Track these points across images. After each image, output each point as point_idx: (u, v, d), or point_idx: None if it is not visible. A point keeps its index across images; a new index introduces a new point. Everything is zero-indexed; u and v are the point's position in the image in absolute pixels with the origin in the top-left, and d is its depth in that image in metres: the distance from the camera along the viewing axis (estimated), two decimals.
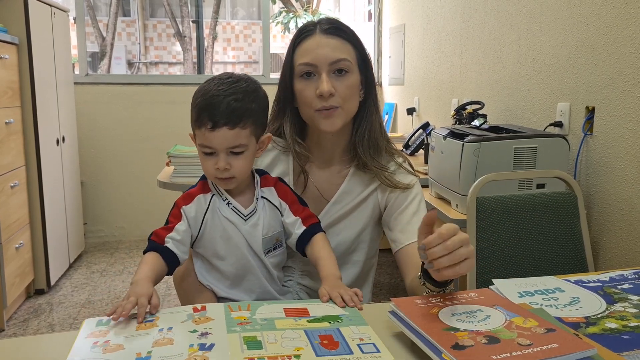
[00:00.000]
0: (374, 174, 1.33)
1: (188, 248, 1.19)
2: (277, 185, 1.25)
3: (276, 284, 1.26)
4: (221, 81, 1.15)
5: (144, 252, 1.16)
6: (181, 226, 1.18)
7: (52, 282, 3.27)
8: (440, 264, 0.91)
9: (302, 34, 1.29)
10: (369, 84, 1.32)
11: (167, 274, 1.17)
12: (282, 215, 1.23)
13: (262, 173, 1.27)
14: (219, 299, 1.23)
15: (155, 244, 1.15)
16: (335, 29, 1.27)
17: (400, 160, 1.37)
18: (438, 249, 0.90)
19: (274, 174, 1.36)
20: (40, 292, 3.23)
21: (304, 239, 1.21)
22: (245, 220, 1.19)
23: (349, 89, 1.26)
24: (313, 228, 1.22)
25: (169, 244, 1.15)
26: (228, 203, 1.20)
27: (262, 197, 1.23)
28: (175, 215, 1.19)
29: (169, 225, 1.18)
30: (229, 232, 1.19)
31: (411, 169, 1.37)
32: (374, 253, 1.42)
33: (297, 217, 1.22)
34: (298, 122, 1.34)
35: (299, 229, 1.22)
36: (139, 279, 1.05)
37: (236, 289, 1.23)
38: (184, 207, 1.19)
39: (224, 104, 1.12)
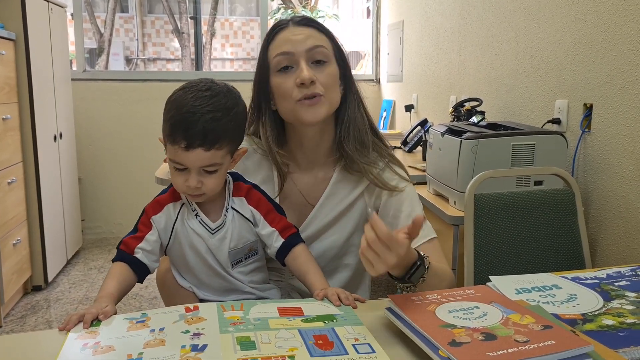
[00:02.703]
0: (360, 175, 1.28)
1: (158, 257, 1.18)
2: (249, 194, 1.19)
3: (253, 288, 1.22)
4: (198, 93, 1.08)
5: (113, 261, 1.14)
6: (152, 236, 1.16)
7: (50, 279, 3.27)
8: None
9: (275, 30, 1.25)
10: (347, 78, 1.28)
11: (138, 282, 1.15)
12: (257, 226, 1.19)
13: (236, 178, 1.22)
14: (200, 301, 1.22)
15: (125, 254, 1.14)
16: (309, 20, 1.25)
17: (387, 161, 1.31)
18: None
19: (258, 178, 1.31)
20: (37, 289, 3.22)
21: (283, 251, 1.18)
22: (213, 234, 1.16)
23: (329, 77, 1.22)
24: (292, 239, 1.18)
25: (139, 254, 1.14)
26: (197, 215, 1.17)
27: (232, 207, 1.18)
28: (145, 224, 1.17)
29: (139, 235, 1.16)
30: (195, 245, 1.17)
31: (404, 173, 1.32)
32: None
33: (274, 228, 1.18)
34: (276, 127, 1.29)
35: (276, 241, 1.17)
36: (101, 297, 1.04)
37: (212, 293, 1.21)
38: (153, 217, 1.17)
39: (200, 123, 1.05)
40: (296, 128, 1.27)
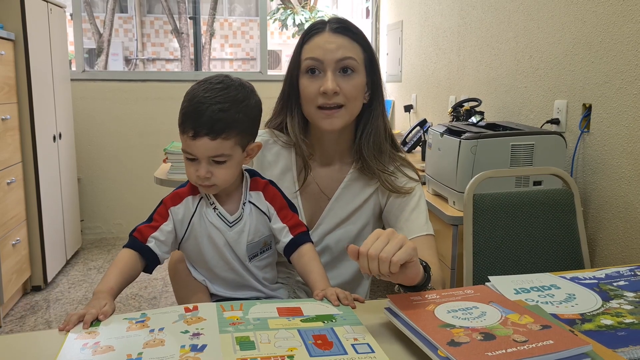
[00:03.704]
0: (375, 177, 1.33)
1: (170, 248, 1.18)
2: (266, 189, 1.22)
3: (264, 286, 1.24)
4: (211, 86, 1.11)
5: (124, 247, 1.14)
6: (167, 227, 1.16)
7: (49, 279, 3.27)
8: (386, 271, 0.92)
9: (311, 32, 1.29)
10: (375, 87, 1.32)
11: (146, 272, 1.16)
12: (269, 220, 1.21)
13: (253, 174, 1.24)
14: (211, 296, 1.23)
15: (137, 241, 1.14)
16: (345, 28, 1.27)
17: (399, 164, 1.36)
18: (374, 266, 0.92)
19: (277, 169, 1.35)
20: (37, 289, 3.22)
21: (291, 248, 1.19)
22: (231, 227, 1.18)
23: (354, 88, 1.25)
24: (300, 237, 1.19)
25: (152, 243, 1.14)
26: (215, 208, 1.18)
27: (249, 201, 1.20)
28: (161, 214, 1.17)
29: (154, 224, 1.16)
30: (214, 238, 1.18)
31: (414, 174, 1.37)
32: None
33: (285, 224, 1.19)
34: (302, 118, 1.33)
35: (285, 237, 1.19)
36: (100, 291, 1.04)
37: (224, 288, 1.23)
38: (172, 208, 1.17)
39: (207, 113, 1.08)
40: (317, 127, 1.32)
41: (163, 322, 0.94)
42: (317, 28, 1.29)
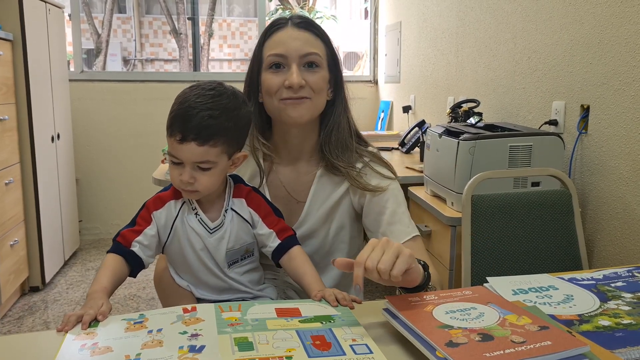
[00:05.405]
0: (343, 176, 1.30)
1: (154, 252, 1.18)
2: (249, 196, 1.21)
3: (249, 287, 1.23)
4: (203, 91, 1.11)
5: (108, 252, 1.14)
6: (150, 231, 1.16)
7: (47, 280, 3.27)
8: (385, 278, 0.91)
9: (273, 27, 1.27)
10: (337, 84, 1.30)
11: (131, 276, 1.15)
12: (254, 227, 1.20)
13: (236, 181, 1.24)
14: (198, 300, 1.22)
15: (121, 246, 1.14)
16: (307, 23, 1.27)
17: (369, 160, 1.32)
18: (373, 276, 0.91)
19: (246, 175, 1.32)
20: (35, 290, 3.22)
21: (279, 252, 1.19)
22: (211, 233, 1.17)
23: (319, 81, 1.24)
24: (288, 241, 1.19)
25: (136, 248, 1.14)
26: (197, 214, 1.18)
27: (231, 208, 1.20)
28: (144, 218, 1.17)
29: (137, 228, 1.16)
30: (193, 243, 1.18)
31: (388, 172, 1.32)
32: (357, 251, 1.40)
33: (271, 230, 1.19)
34: (263, 119, 1.31)
35: (273, 242, 1.19)
36: (94, 292, 1.04)
37: (209, 292, 1.22)
38: (154, 212, 1.17)
39: (197, 118, 1.08)
40: (281, 124, 1.30)
41: (161, 322, 0.94)
42: (279, 24, 1.27)
